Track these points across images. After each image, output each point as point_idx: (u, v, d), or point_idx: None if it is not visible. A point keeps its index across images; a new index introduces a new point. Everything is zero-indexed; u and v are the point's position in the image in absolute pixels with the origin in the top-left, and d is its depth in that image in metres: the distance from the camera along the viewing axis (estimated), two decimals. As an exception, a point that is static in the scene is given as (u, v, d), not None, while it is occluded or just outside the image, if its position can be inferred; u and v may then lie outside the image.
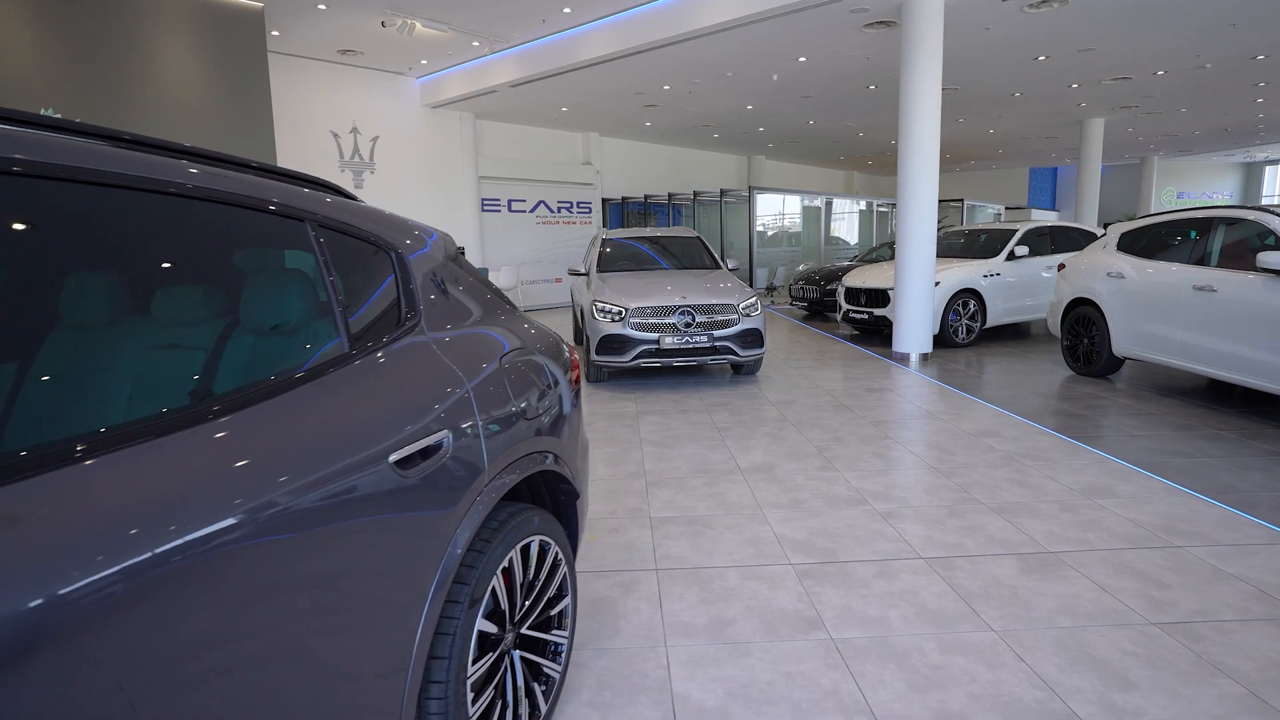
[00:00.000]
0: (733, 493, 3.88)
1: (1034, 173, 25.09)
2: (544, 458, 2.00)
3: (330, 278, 1.48)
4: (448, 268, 1.94)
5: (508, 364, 1.90)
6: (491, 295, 2.14)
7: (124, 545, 0.92)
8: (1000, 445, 4.63)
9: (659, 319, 6.44)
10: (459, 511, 1.57)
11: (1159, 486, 3.82)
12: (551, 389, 2.09)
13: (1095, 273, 6.60)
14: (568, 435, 2.16)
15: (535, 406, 1.96)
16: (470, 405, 1.66)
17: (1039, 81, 11.50)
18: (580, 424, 2.38)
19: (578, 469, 2.24)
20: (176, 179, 1.22)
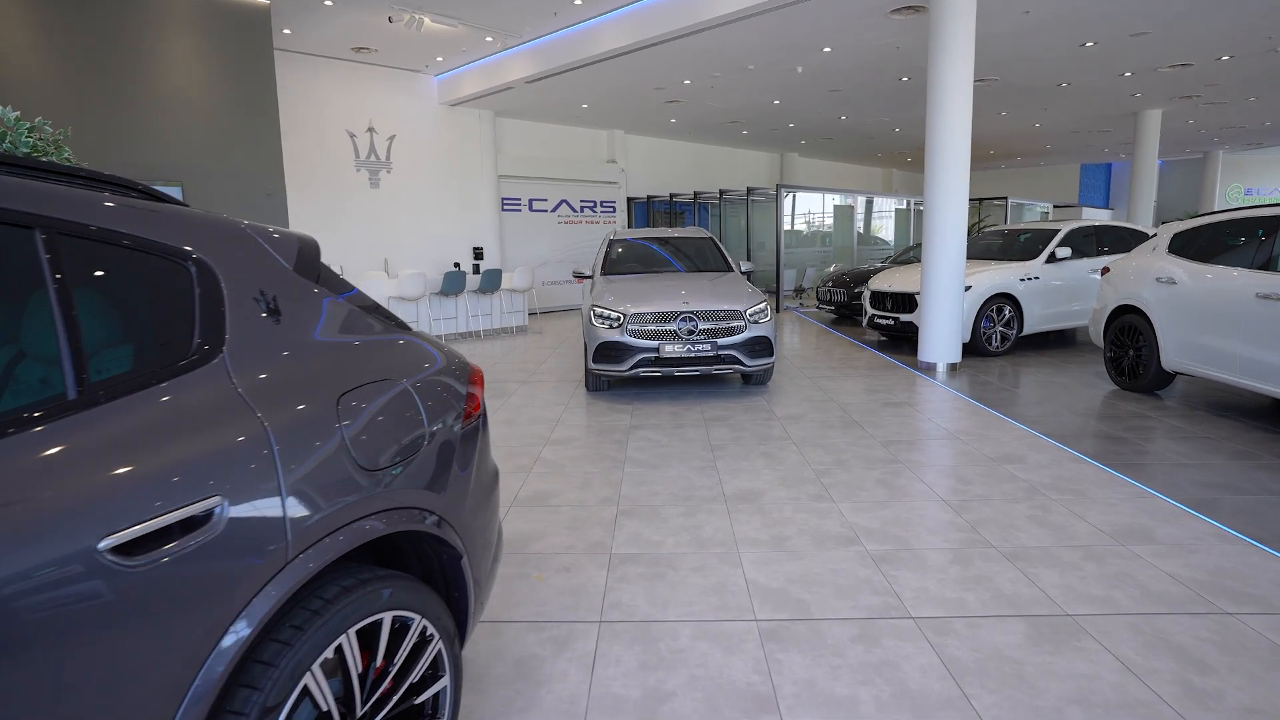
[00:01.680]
0: (710, 526, 3.47)
1: (1086, 169, 23.83)
2: (417, 516, 1.64)
3: (61, 302, 1.15)
4: (288, 282, 1.60)
5: (353, 403, 1.54)
6: (363, 314, 1.79)
7: None
8: (1024, 473, 4.11)
9: (659, 325, 6.04)
10: (238, 598, 1.22)
11: (1208, 531, 3.27)
12: (427, 431, 1.73)
13: (1143, 278, 5.96)
14: (453, 488, 1.80)
15: (392, 455, 1.60)
16: (270, 459, 1.31)
17: (1087, 70, 10.71)
18: (483, 471, 2.01)
19: (471, 526, 1.87)
20: None
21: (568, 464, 4.50)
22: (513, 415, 5.81)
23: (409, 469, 1.65)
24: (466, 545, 1.85)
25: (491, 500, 2.07)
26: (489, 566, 2.04)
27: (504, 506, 3.78)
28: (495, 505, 2.12)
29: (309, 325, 1.59)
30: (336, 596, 1.43)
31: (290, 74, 10.44)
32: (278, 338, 1.49)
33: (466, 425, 1.92)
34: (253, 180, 8.39)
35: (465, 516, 1.85)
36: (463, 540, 1.83)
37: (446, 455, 1.80)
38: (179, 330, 1.33)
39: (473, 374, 2.05)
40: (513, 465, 4.49)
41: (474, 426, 1.97)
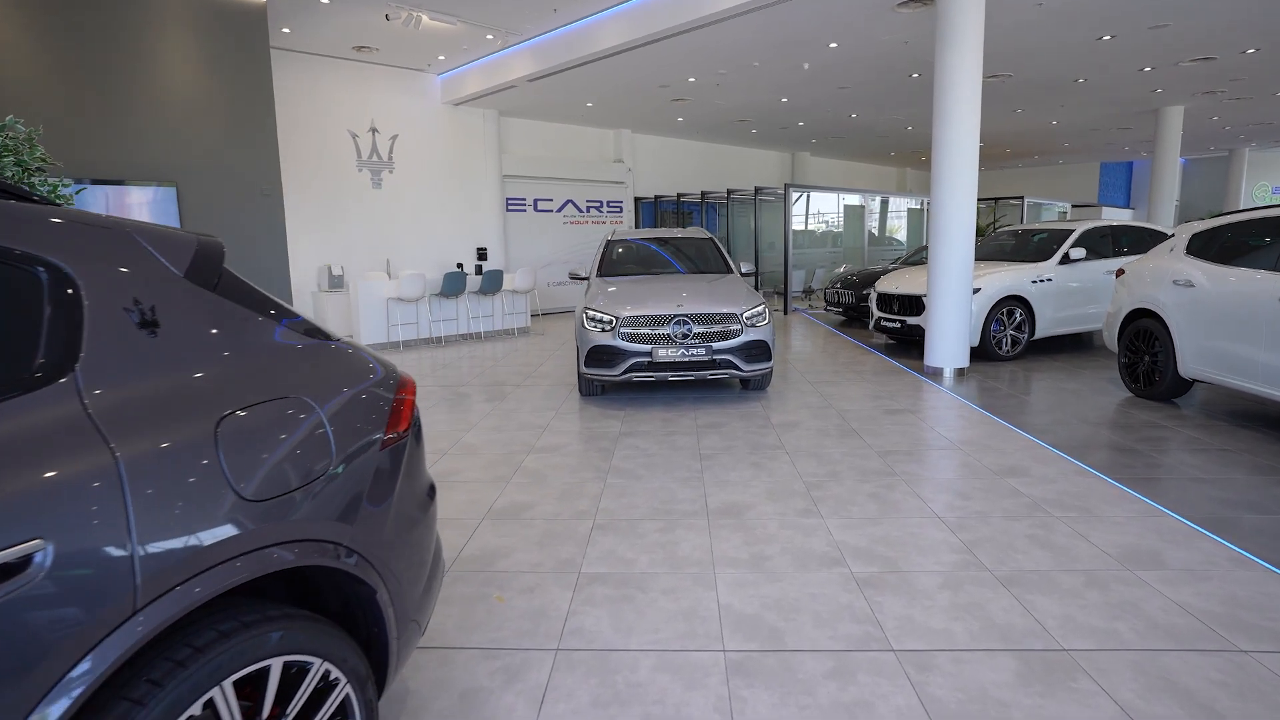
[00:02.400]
0: (688, 543, 3.29)
1: (1106, 167, 23.30)
2: (321, 550, 1.48)
3: None
4: (174, 289, 1.44)
5: (239, 425, 1.38)
6: (271, 324, 1.63)
7: None
8: (1027, 488, 3.88)
9: (652, 329, 5.86)
10: (65, 656, 1.06)
11: (1223, 554, 3.04)
12: (335, 454, 1.56)
13: (1159, 280, 5.69)
14: (369, 516, 1.63)
15: (288, 483, 1.44)
16: (118, 493, 1.15)
17: (1105, 65, 10.37)
18: (409, 493, 1.84)
19: (392, 557, 1.71)
20: None
21: (549, 473, 4.33)
22: (501, 421, 5.66)
23: (311, 497, 1.49)
24: (386, 578, 1.68)
25: (420, 525, 1.90)
26: (418, 598, 1.88)
27: (476, 520, 3.63)
28: (427, 529, 1.96)
29: (196, 338, 1.44)
30: (211, 644, 1.27)
31: (292, 73, 10.39)
32: (152, 353, 1.33)
33: (390, 444, 1.76)
34: (249, 180, 8.32)
35: (384, 546, 1.69)
36: (381, 573, 1.66)
37: (360, 479, 1.64)
38: (18, 346, 1.17)
39: (401, 386, 1.88)
40: (492, 475, 4.33)
41: (399, 445, 1.80)
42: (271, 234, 8.56)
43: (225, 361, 1.46)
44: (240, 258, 8.28)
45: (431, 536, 2.02)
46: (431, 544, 2.03)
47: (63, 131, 7.01)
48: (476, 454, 4.78)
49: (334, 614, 1.71)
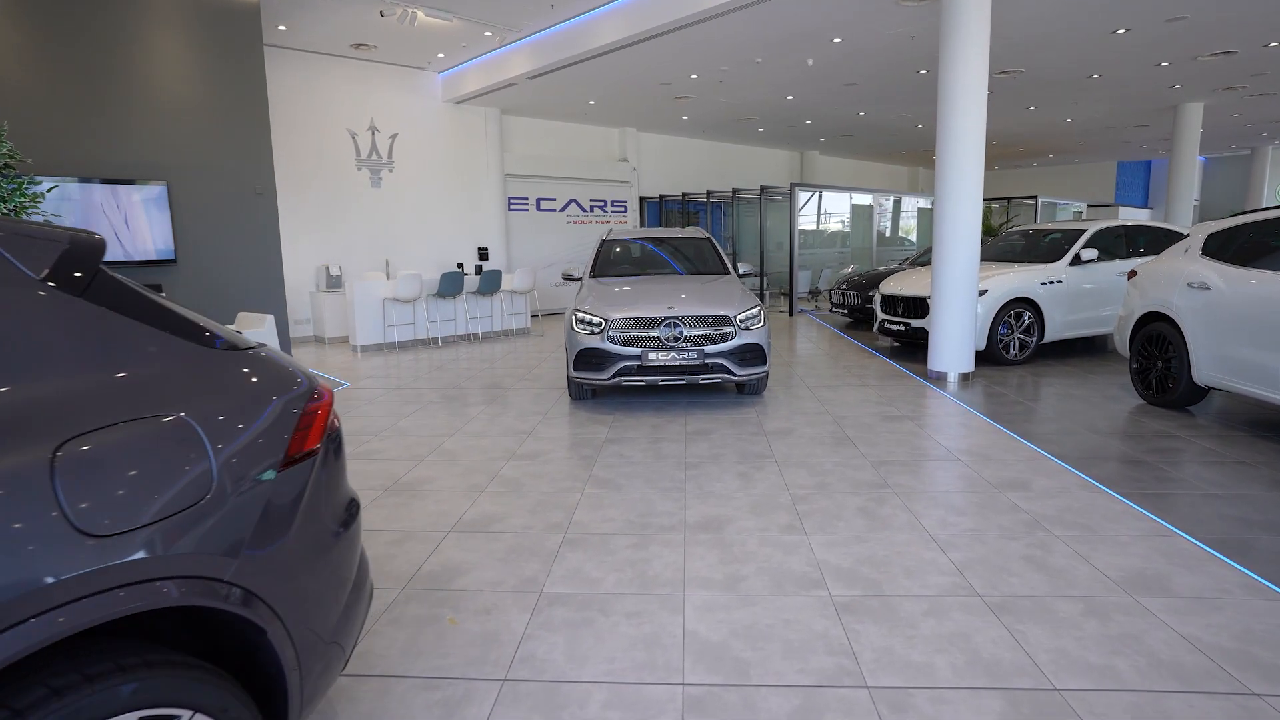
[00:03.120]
0: (660, 561, 3.10)
1: (1123, 166, 22.82)
2: (194, 588, 1.31)
3: None
4: (25, 296, 1.27)
5: (85, 450, 1.21)
6: (153, 333, 1.47)
7: None
8: (1026, 503, 3.66)
9: (642, 331, 5.68)
10: None
11: (1237, 580, 2.80)
12: (216, 479, 1.39)
13: (1173, 282, 5.43)
14: (261, 547, 1.46)
15: (148, 515, 1.27)
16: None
17: (1120, 60, 10.06)
18: (319, 518, 1.67)
19: (294, 592, 1.54)
20: None
21: (526, 482, 4.16)
22: (486, 426, 5.50)
23: (182, 529, 1.31)
24: (284, 613, 1.51)
25: (335, 549, 1.73)
26: (335, 622, 1.71)
27: (442, 533, 3.46)
28: (346, 550, 1.79)
29: (45, 351, 1.27)
30: (38, 703, 1.10)
31: (290, 72, 10.31)
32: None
33: (293, 465, 1.59)
34: (242, 179, 8.22)
35: (281, 578, 1.52)
36: (276, 608, 1.49)
37: (251, 505, 1.46)
38: None
39: (313, 399, 1.71)
40: (467, 484, 4.16)
41: (306, 465, 1.63)
42: (265, 233, 8.46)
43: (81, 377, 1.29)
44: (233, 257, 8.20)
45: (352, 555, 1.86)
46: (353, 563, 1.87)
47: (50, 129, 6.94)
48: (455, 461, 4.62)
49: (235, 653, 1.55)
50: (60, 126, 6.98)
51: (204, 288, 7.98)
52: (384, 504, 3.86)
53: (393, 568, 3.09)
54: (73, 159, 7.08)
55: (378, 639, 2.53)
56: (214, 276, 8.05)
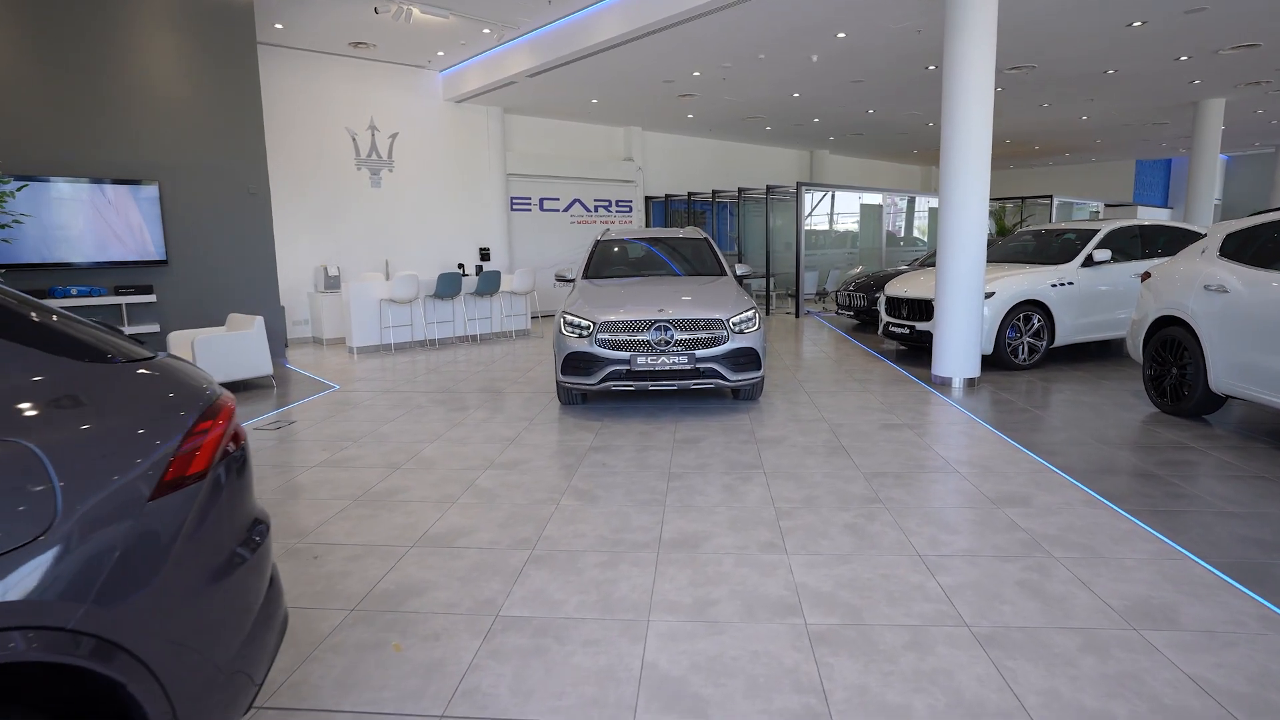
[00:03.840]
0: (627, 582, 2.91)
1: (1142, 165, 22.31)
2: (40, 640, 1.15)
3: None
4: None
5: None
6: (6, 344, 1.30)
7: None
8: (1026, 520, 3.43)
9: (631, 335, 5.49)
10: None
11: (1252, 611, 2.57)
12: (61, 511, 1.22)
13: (1189, 285, 5.16)
14: (132, 590, 1.29)
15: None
16: None
17: (1137, 54, 9.74)
18: (209, 549, 1.50)
19: (169, 638, 1.37)
20: None
21: (500, 494, 3.99)
22: (469, 432, 5.34)
23: (15, 572, 1.15)
24: (157, 663, 1.34)
25: (231, 582, 1.56)
26: (237, 650, 1.55)
27: (404, 548, 3.29)
28: (249, 576, 1.63)
29: None
30: None
31: (289, 71, 10.22)
32: None
33: (170, 492, 1.42)
34: (235, 178, 8.14)
35: (153, 624, 1.34)
36: (147, 658, 1.32)
37: (109, 540, 1.29)
38: None
39: (207, 416, 1.54)
40: (439, 495, 4.00)
41: (190, 491, 1.46)
42: (259, 234, 8.38)
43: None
44: (226, 257, 8.11)
45: (258, 580, 1.70)
46: (259, 588, 1.70)
47: (39, 128, 6.87)
48: (431, 469, 4.46)
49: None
50: (49, 125, 6.92)
51: (196, 288, 7.90)
52: (350, 516, 3.71)
53: (345, 586, 2.92)
54: (61, 158, 7.01)
55: (315, 666, 2.37)
56: (206, 277, 7.97)
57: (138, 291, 7.36)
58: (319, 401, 6.54)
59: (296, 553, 3.27)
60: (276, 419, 5.87)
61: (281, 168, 10.29)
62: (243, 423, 5.37)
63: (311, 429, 5.55)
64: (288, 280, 10.53)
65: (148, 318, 7.51)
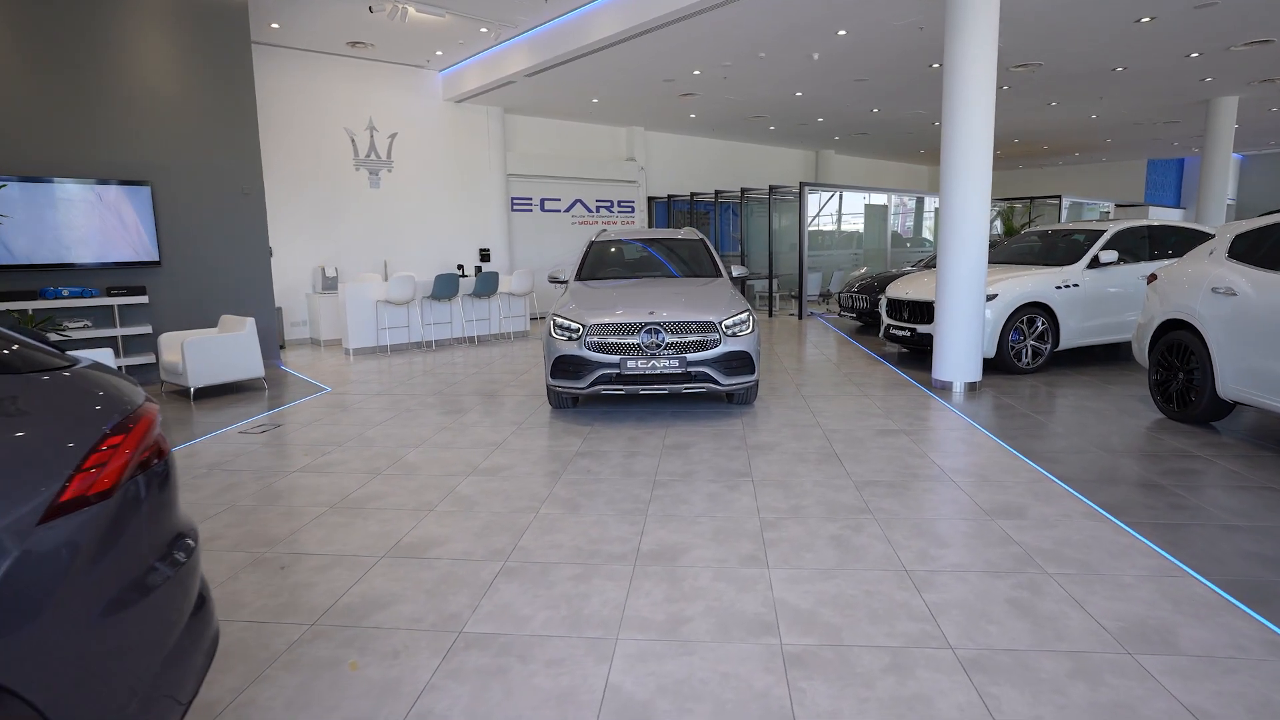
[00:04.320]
0: (599, 597, 2.80)
1: (1153, 165, 22.00)
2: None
3: None
4: None
5: None
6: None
7: None
8: (1020, 533, 3.29)
9: (621, 338, 5.38)
10: None
11: (1256, 635, 2.43)
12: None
13: (1196, 287, 4.99)
14: (16, 625, 1.19)
15: None
16: None
17: (1146, 51, 9.54)
18: (111, 576, 1.40)
19: (69, 676, 1.27)
20: None
21: (480, 501, 3.89)
22: (455, 436, 5.24)
23: None
24: (45, 702, 1.24)
25: (148, 603, 1.46)
26: (154, 676, 1.46)
27: (374, 558, 3.20)
28: (170, 595, 1.53)
29: None
30: None
31: (287, 70, 10.18)
32: None
33: (72, 511, 1.32)
34: (228, 179, 8.08)
35: (43, 658, 1.24)
36: (33, 696, 1.22)
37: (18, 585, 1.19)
38: None
39: (119, 428, 1.44)
40: (417, 502, 3.90)
41: (93, 511, 1.36)
42: (253, 234, 8.33)
43: None
44: (220, 258, 8.06)
45: (182, 597, 1.61)
46: (183, 605, 1.61)
47: (29, 127, 6.84)
48: (412, 475, 4.36)
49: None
50: (40, 124, 6.88)
51: (189, 289, 7.85)
52: (324, 523, 3.61)
53: (309, 599, 2.83)
54: (52, 158, 6.97)
55: (265, 687, 2.27)
56: (200, 278, 7.92)
57: (130, 292, 7.31)
58: (308, 404, 6.47)
59: (264, 562, 3.17)
60: (263, 422, 5.80)
61: (280, 168, 10.25)
62: (229, 426, 5.28)
63: (297, 432, 5.47)
64: (286, 281, 10.49)
65: (140, 319, 7.47)
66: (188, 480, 4.35)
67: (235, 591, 2.91)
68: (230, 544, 3.39)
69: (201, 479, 4.38)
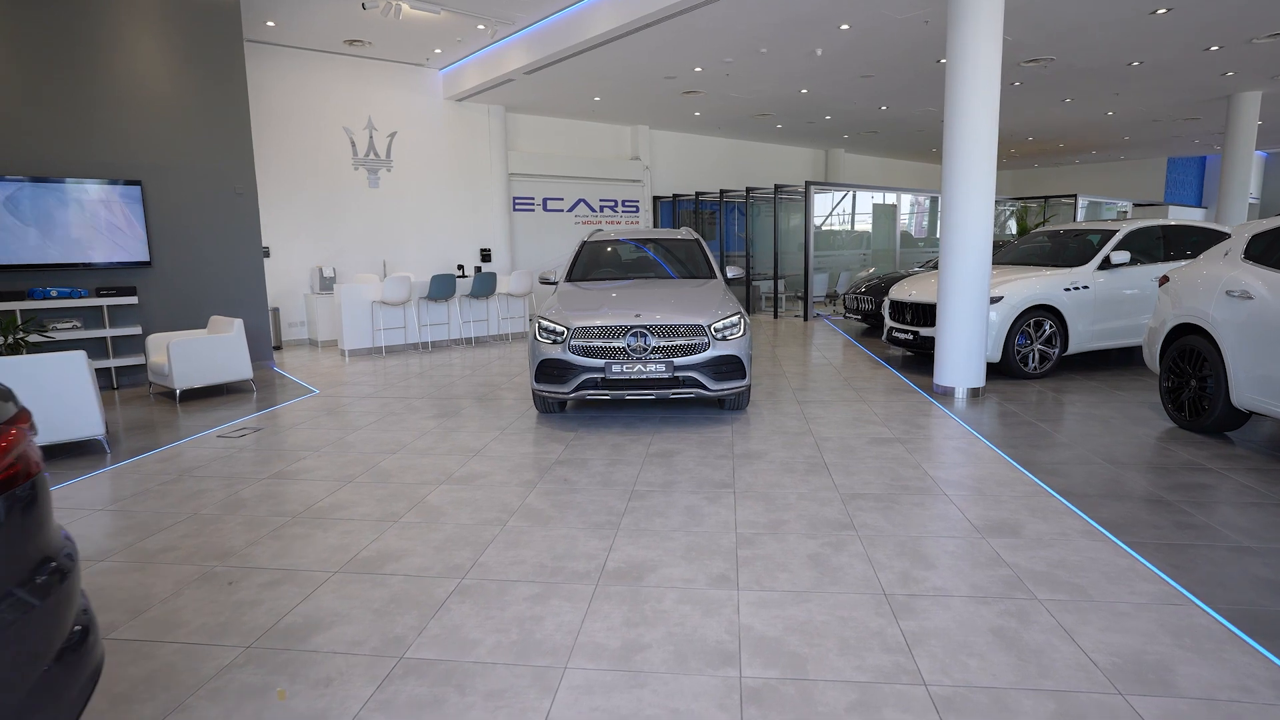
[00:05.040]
0: (555, 619, 2.63)
1: (1174, 163, 21.49)
2: None
3: None
4: None
5: None
6: None
7: None
8: (1012, 553, 3.08)
9: (605, 341, 5.21)
10: None
11: (1265, 674, 2.21)
12: None
13: (1210, 290, 4.74)
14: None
15: None
16: None
17: (1163, 44, 9.22)
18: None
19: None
20: None
21: (447, 512, 3.74)
22: (436, 441, 5.10)
23: None
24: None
25: (13, 625, 1.32)
26: (17, 706, 1.31)
27: (326, 574, 3.05)
28: (32, 630, 1.39)
29: None
30: None
31: (285, 69, 10.12)
32: None
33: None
34: (221, 178, 8.01)
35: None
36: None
37: None
38: None
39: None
40: (383, 512, 3.76)
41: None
42: (245, 234, 8.25)
43: None
44: (212, 259, 7.99)
45: (50, 627, 1.47)
46: (50, 636, 1.47)
47: (18, 126, 6.79)
48: (384, 483, 4.22)
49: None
50: (29, 123, 6.83)
51: (181, 290, 7.79)
52: (283, 535, 3.48)
53: (250, 618, 2.68)
54: (41, 157, 6.92)
55: (186, 717, 2.12)
56: (191, 278, 7.86)
57: (120, 293, 7.24)
58: (294, 407, 6.36)
59: (213, 577, 3.04)
60: (244, 426, 5.69)
61: (278, 168, 10.20)
62: (210, 429, 5.12)
63: (275, 437, 5.35)
64: (284, 282, 10.43)
65: (130, 320, 7.41)
66: (155, 487, 4.24)
67: (176, 609, 2.78)
68: (182, 556, 3.26)
69: (170, 485, 4.27)
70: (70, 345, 7.11)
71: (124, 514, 3.82)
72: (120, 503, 3.99)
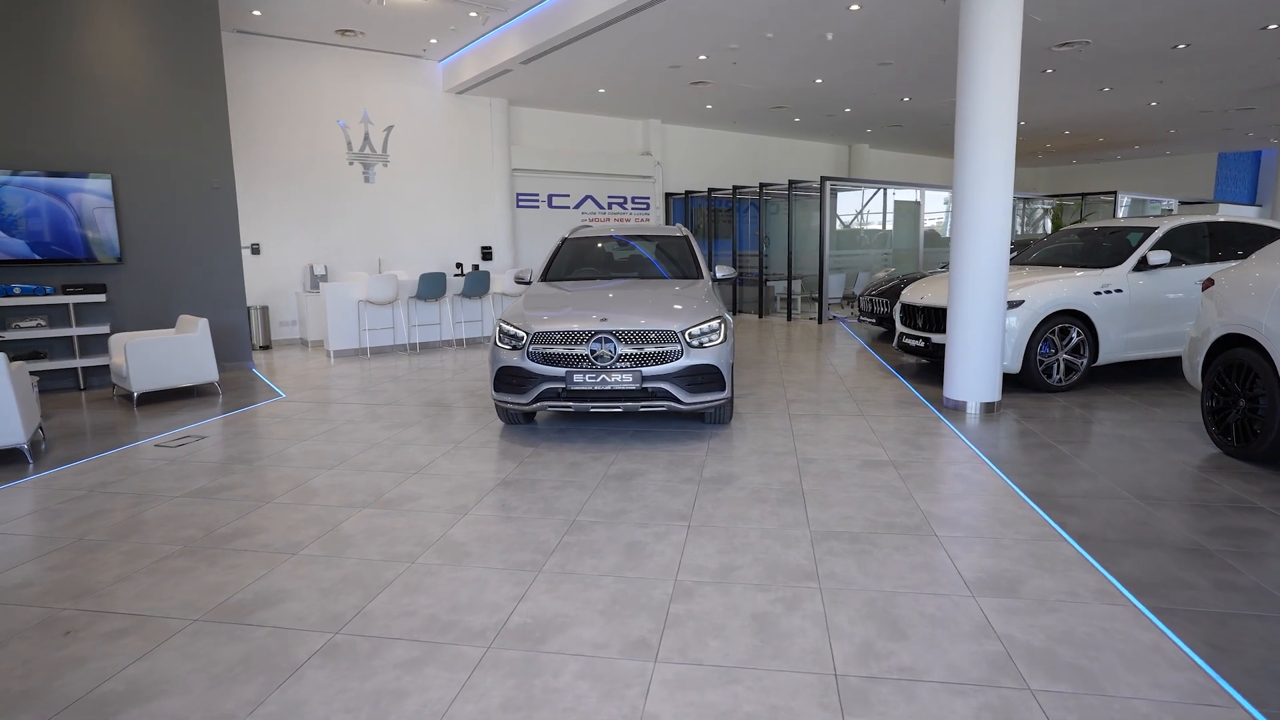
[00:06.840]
0: (422, 696, 2.13)
1: (1225, 158, 20.21)
2: None
3: None
4: None
5: None
6: None
7: None
8: (1005, 620, 2.50)
9: (568, 348, 4.71)
10: None
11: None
12: None
13: (1263, 295, 4.06)
14: None
15: None
16: None
17: (1211, 25, 8.39)
18: None
19: None
20: None
21: (356, 543, 3.27)
22: (381, 455, 4.66)
23: None
24: None
25: None
26: None
27: (184, 623, 2.60)
28: None
29: None
30: None
31: (276, 60, 9.83)
32: None
33: None
34: (196, 172, 7.70)
35: None
36: None
37: None
38: None
39: None
40: (285, 542, 3.31)
41: None
42: (223, 230, 7.94)
43: None
44: (187, 255, 7.68)
45: None
46: None
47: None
48: (303, 505, 3.79)
49: None
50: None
51: (153, 288, 7.50)
52: (161, 570, 3.05)
53: (63, 684, 2.24)
54: (7, 149, 6.68)
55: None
56: (164, 276, 7.57)
57: (88, 290, 6.97)
58: (251, 413, 5.99)
59: (51, 624, 2.61)
60: (186, 434, 5.32)
61: (269, 162, 9.92)
62: (152, 437, 4.69)
63: (215, 447, 4.97)
64: (277, 280, 10.17)
65: (99, 318, 7.14)
66: (54, 506, 3.86)
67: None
68: (34, 595, 2.85)
69: (71, 503, 3.89)
70: (32, 344, 6.86)
71: (0, 538, 3.44)
72: (4, 525, 3.62)
